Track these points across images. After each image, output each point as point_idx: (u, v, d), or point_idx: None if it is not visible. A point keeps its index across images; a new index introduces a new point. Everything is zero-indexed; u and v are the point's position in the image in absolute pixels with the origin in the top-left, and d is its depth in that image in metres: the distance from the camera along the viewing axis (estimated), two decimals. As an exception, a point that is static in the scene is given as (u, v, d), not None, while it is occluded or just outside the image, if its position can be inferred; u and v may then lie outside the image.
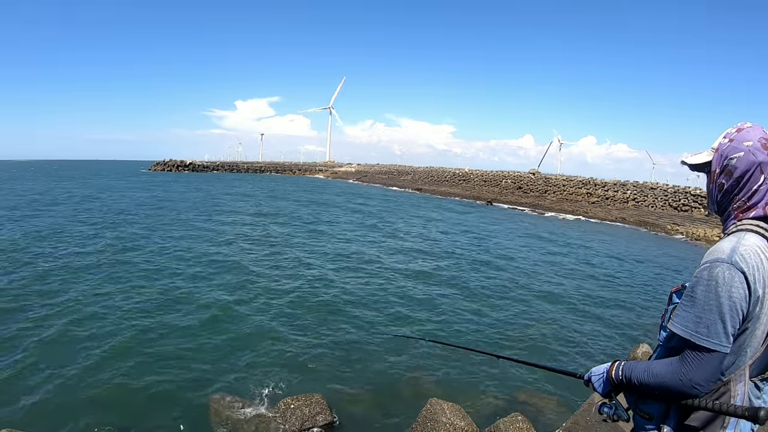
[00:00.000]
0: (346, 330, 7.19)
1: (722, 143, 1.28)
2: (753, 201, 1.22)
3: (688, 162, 1.38)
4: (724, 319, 1.12)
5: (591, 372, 1.43)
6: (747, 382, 1.18)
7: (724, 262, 1.14)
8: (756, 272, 1.13)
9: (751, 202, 1.23)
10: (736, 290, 1.11)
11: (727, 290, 1.12)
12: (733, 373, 1.18)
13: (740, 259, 1.13)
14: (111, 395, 4.92)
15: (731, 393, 1.17)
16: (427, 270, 11.70)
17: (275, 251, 13.20)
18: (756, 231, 1.19)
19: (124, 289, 8.61)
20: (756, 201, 1.22)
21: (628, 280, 12.25)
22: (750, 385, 1.19)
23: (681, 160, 1.43)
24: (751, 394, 1.20)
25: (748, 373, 1.18)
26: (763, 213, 1.22)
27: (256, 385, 5.29)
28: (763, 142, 1.21)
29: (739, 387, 1.18)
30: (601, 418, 1.45)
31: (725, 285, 1.12)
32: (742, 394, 1.17)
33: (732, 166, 1.24)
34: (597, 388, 1.39)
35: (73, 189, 34.05)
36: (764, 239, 1.19)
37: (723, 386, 1.18)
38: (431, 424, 4.10)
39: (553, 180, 43.02)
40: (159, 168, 77.42)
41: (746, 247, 1.15)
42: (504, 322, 8.01)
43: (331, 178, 75.38)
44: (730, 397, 1.17)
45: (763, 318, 1.17)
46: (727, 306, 1.12)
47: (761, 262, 1.14)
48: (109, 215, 19.02)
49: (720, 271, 1.13)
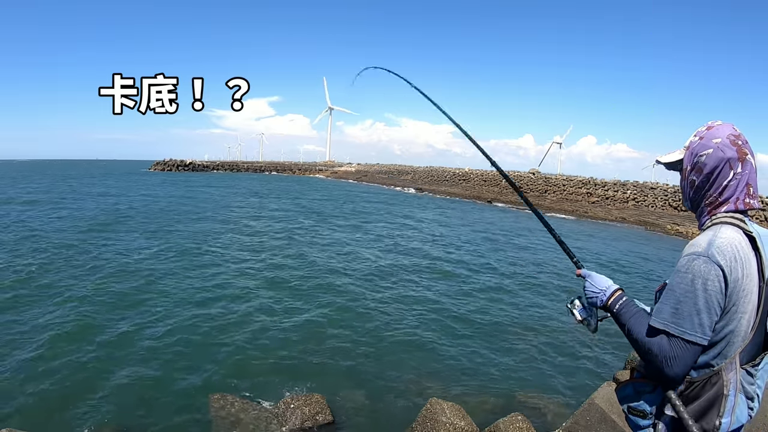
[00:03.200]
0: (347, 330, 7.19)
1: (693, 141, 1.33)
2: (724, 196, 1.26)
3: (662, 161, 1.43)
4: (700, 311, 1.15)
5: (591, 277, 1.45)
6: (738, 369, 1.21)
7: (701, 256, 1.17)
8: (733, 263, 1.16)
9: (722, 198, 1.27)
10: (711, 283, 1.15)
11: (702, 283, 1.15)
12: (723, 362, 1.21)
13: (717, 252, 1.16)
14: (110, 395, 4.92)
15: (723, 381, 1.20)
16: (427, 270, 11.70)
17: (274, 250, 13.21)
18: (731, 223, 1.23)
19: (126, 289, 8.61)
20: (727, 196, 1.26)
21: (626, 278, 12.26)
22: (741, 372, 1.22)
23: (656, 160, 1.48)
24: (744, 381, 1.23)
25: (738, 361, 1.21)
26: (735, 207, 1.26)
27: (256, 385, 5.29)
28: (732, 139, 1.25)
29: (730, 375, 1.21)
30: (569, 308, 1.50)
31: (701, 278, 1.16)
32: (734, 382, 1.21)
33: (702, 163, 1.28)
34: (590, 297, 1.42)
35: (95, 188, 34.02)
36: (740, 230, 1.22)
37: (714, 375, 1.21)
38: (431, 424, 4.10)
39: (553, 180, 43.02)
40: (159, 168, 77.22)
41: (723, 239, 1.18)
42: (503, 318, 8.01)
43: (330, 177, 75.36)
44: (723, 386, 1.20)
45: (747, 307, 1.20)
46: (703, 299, 1.15)
47: (738, 253, 1.17)
48: (159, 214, 19.03)
49: (696, 265, 1.17)
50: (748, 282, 1.18)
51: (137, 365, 5.62)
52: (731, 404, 1.20)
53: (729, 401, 1.19)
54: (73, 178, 51.47)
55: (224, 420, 4.51)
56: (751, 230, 1.22)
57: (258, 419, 4.52)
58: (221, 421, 4.51)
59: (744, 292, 1.18)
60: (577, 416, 3.54)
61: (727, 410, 1.19)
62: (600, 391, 3.58)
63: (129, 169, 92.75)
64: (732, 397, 1.20)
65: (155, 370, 5.52)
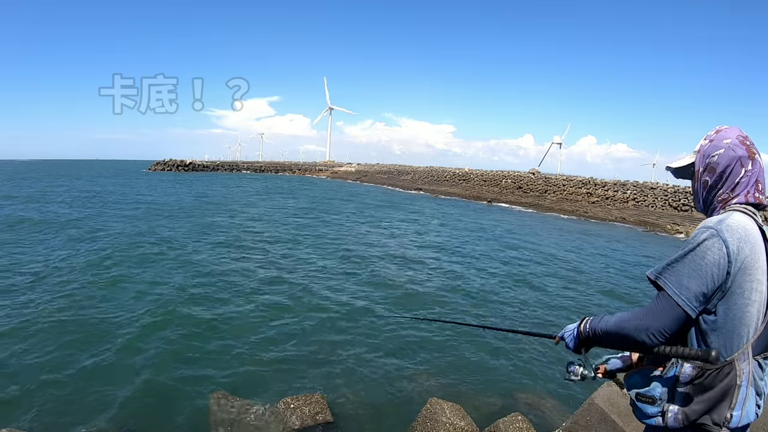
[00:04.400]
0: (347, 330, 7.18)
1: (703, 144, 1.40)
2: (736, 192, 1.32)
3: (673, 166, 1.49)
4: (691, 276, 1.20)
5: (564, 330, 1.53)
6: (751, 360, 1.23)
7: (709, 229, 1.23)
8: (741, 244, 1.20)
9: (734, 194, 1.33)
10: (711, 254, 1.19)
11: (702, 252, 1.21)
12: (735, 352, 1.22)
13: (725, 229, 1.21)
14: (110, 394, 4.91)
15: (736, 372, 1.22)
16: (427, 271, 11.70)
17: (273, 248, 13.20)
18: (743, 212, 1.29)
19: (126, 289, 8.61)
20: (738, 192, 1.32)
21: (626, 279, 12.26)
22: (754, 363, 1.24)
23: (666, 166, 1.53)
24: (755, 374, 1.25)
25: (751, 352, 1.23)
26: (745, 200, 1.32)
27: (256, 385, 5.29)
28: (741, 139, 1.33)
29: (743, 366, 1.22)
30: (567, 377, 1.54)
31: (703, 247, 1.21)
32: (747, 373, 1.22)
33: (714, 163, 1.35)
34: (568, 344, 1.48)
35: (108, 187, 34.04)
36: (751, 218, 1.27)
37: (727, 365, 1.22)
38: (431, 424, 4.10)
39: (553, 180, 42.99)
40: (159, 168, 77.07)
41: (734, 220, 1.23)
42: (506, 310, 8.01)
43: (330, 177, 75.36)
44: (736, 376, 1.21)
45: (755, 296, 1.22)
46: (699, 266, 1.20)
47: (747, 237, 1.21)
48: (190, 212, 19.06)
49: (702, 236, 1.23)
50: (756, 271, 1.21)
51: (137, 365, 5.61)
52: (743, 395, 1.21)
53: (741, 392, 1.21)
54: (93, 177, 51.41)
55: (224, 419, 4.51)
56: (761, 223, 1.28)
57: (258, 419, 4.52)
58: (221, 420, 4.50)
59: (750, 277, 1.20)
60: (577, 416, 3.54)
61: (739, 402, 1.21)
62: (600, 391, 3.57)
63: (129, 169, 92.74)
64: (744, 388, 1.21)
65: (155, 370, 5.51)
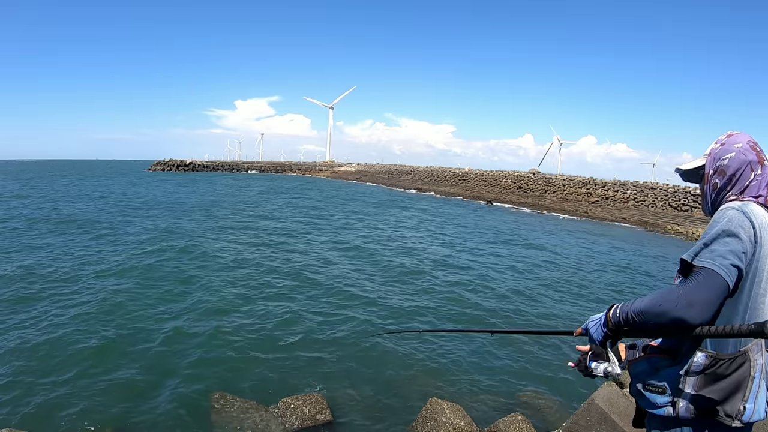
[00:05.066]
0: (347, 329, 7.19)
1: (714, 148, 1.42)
2: (744, 196, 1.35)
3: (683, 168, 1.51)
4: (727, 246, 1.19)
5: (588, 320, 1.40)
6: (764, 352, 1.25)
7: (735, 208, 1.25)
8: (762, 227, 1.23)
9: (743, 197, 1.34)
10: (743, 229, 1.21)
11: (736, 225, 1.21)
12: (750, 343, 1.23)
13: (749, 211, 1.24)
14: (110, 394, 4.91)
15: (750, 362, 1.22)
16: (427, 271, 11.70)
17: (273, 248, 13.21)
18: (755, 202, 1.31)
19: (125, 289, 8.61)
20: (747, 195, 1.34)
21: (627, 279, 12.26)
22: (766, 356, 1.26)
23: (675, 168, 1.55)
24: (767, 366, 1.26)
25: (764, 343, 1.25)
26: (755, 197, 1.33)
27: (256, 385, 5.29)
28: (751, 145, 1.36)
29: (757, 356, 1.23)
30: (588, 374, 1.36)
31: (733, 221, 1.22)
32: (761, 365, 1.24)
33: (725, 166, 1.37)
34: (593, 335, 1.35)
35: (116, 188, 34.02)
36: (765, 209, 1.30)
37: (741, 356, 1.22)
38: (431, 424, 4.10)
39: (553, 180, 42.99)
40: (159, 168, 77.01)
41: (753, 206, 1.27)
42: (508, 311, 8.01)
43: (331, 177, 75.37)
44: (750, 367, 1.22)
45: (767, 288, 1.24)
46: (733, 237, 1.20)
47: (765, 225, 1.24)
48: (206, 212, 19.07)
49: (732, 213, 1.24)
50: None
51: (138, 365, 5.62)
52: (756, 387, 1.21)
53: (755, 384, 1.21)
54: (92, 177, 51.40)
55: (224, 419, 4.51)
56: None
57: (258, 419, 4.52)
58: (221, 420, 4.51)
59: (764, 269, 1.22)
60: (577, 416, 3.54)
61: (752, 394, 1.21)
62: (600, 391, 3.57)
63: (130, 168, 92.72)
64: (757, 380, 1.22)
65: (156, 370, 5.52)
